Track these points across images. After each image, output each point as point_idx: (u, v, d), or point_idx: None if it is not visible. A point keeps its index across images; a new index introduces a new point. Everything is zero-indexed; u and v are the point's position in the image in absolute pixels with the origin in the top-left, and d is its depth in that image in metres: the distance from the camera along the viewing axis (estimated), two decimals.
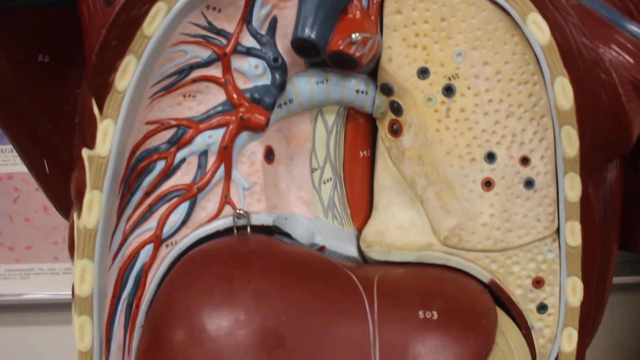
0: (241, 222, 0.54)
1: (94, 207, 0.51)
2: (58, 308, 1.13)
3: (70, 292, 0.51)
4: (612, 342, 1.12)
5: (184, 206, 0.53)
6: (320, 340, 0.48)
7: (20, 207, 1.12)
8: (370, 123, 0.57)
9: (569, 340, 0.56)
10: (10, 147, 1.10)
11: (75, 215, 0.53)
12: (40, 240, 1.12)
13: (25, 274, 1.13)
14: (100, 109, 0.50)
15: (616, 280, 1.02)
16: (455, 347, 0.49)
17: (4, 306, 1.14)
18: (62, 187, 0.59)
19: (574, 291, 0.55)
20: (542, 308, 0.56)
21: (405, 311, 0.50)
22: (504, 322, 0.54)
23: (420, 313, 0.50)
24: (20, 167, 1.10)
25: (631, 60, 0.50)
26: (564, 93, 0.51)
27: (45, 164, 0.60)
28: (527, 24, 0.51)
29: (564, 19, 0.49)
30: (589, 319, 0.57)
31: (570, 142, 0.52)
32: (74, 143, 0.56)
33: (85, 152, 0.51)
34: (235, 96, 0.53)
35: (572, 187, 0.53)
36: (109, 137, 0.50)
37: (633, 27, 0.51)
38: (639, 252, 0.61)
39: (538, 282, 0.55)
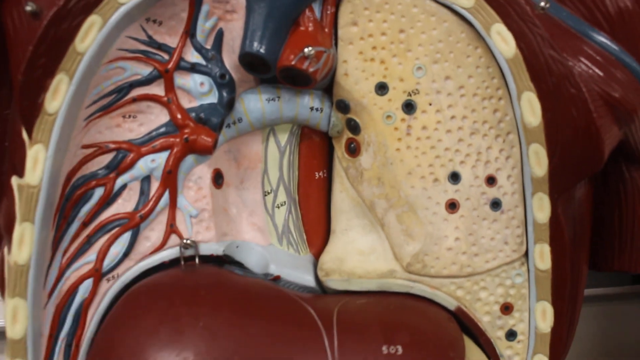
0: (189, 252, 0.51)
1: (25, 241, 0.47)
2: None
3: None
4: (577, 354, 1.12)
5: (126, 236, 0.51)
6: None
7: None
8: (326, 142, 0.55)
9: None
10: None
11: (5, 249, 0.49)
12: None
13: None
14: (30, 133, 0.46)
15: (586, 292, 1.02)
16: None
17: None
18: None
19: (544, 316, 0.53)
20: (511, 335, 0.54)
21: (367, 346, 0.47)
22: (472, 351, 0.52)
23: (384, 348, 0.47)
24: None
25: (601, 73, 0.48)
26: (531, 109, 0.48)
27: None
28: (491, 35, 0.48)
29: (530, 30, 0.47)
30: (559, 344, 0.55)
31: (539, 161, 0.49)
32: (3, 170, 0.52)
33: (14, 180, 0.48)
34: (179, 116, 0.50)
35: (541, 208, 0.51)
36: (39, 164, 0.46)
37: (601, 39, 0.49)
38: (608, 271, 0.59)
39: (507, 308, 0.53)
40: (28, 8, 0.44)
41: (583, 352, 1.12)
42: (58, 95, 0.46)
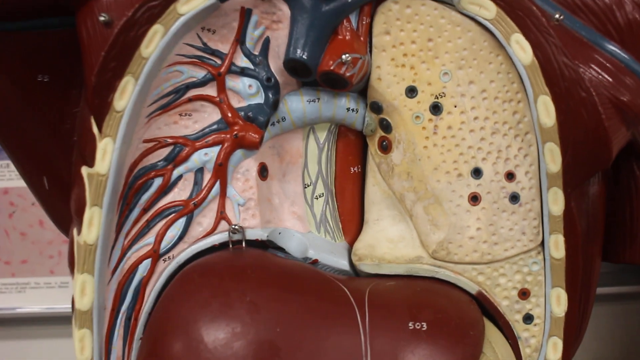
0: (236, 236, 0.55)
1: (94, 223, 0.52)
2: (53, 322, 1.14)
3: (66, 306, 0.52)
4: (597, 351, 1.13)
5: (181, 222, 0.55)
6: (314, 351, 0.50)
7: (16, 222, 1.12)
8: (360, 140, 0.59)
9: (554, 350, 0.58)
10: (6, 162, 1.11)
11: (75, 231, 0.54)
12: (36, 255, 1.13)
13: (21, 288, 1.13)
14: (100, 128, 0.51)
15: (600, 290, 1.05)
16: (444, 357, 0.51)
17: (1, 320, 1.15)
18: (61, 203, 0.61)
19: (559, 302, 0.57)
20: (528, 318, 0.57)
21: (395, 322, 0.51)
22: (491, 332, 0.56)
23: (410, 324, 0.51)
24: (16, 182, 1.11)
25: (610, 79, 0.52)
26: (546, 111, 0.52)
27: (45, 180, 0.61)
28: (511, 44, 0.52)
29: (545, 40, 0.51)
30: (573, 328, 0.59)
31: (553, 158, 0.53)
32: (73, 160, 0.57)
33: (84, 170, 0.53)
34: (229, 115, 0.54)
35: (556, 201, 0.55)
36: (108, 155, 0.51)
37: (612, 47, 0.53)
38: (620, 262, 0.62)
39: (524, 294, 0.57)
40: (101, 18, 0.49)
41: (605, 351, 1.14)
42: (125, 95, 0.51)
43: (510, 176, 0.55)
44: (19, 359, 1.17)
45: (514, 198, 0.55)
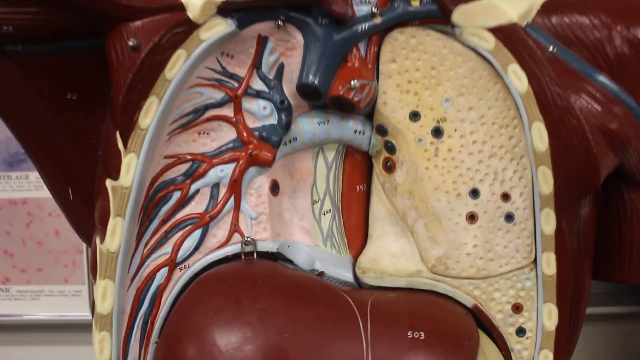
0: (248, 248, 0.59)
1: (117, 232, 0.56)
2: (67, 329, 1.18)
3: (78, 314, 0.54)
4: None
5: (197, 233, 0.58)
6: (319, 355, 0.53)
7: (33, 231, 1.16)
8: (366, 160, 0.62)
9: None
10: (25, 173, 1.15)
11: (98, 239, 0.58)
12: (51, 263, 1.17)
13: (35, 295, 1.17)
14: (125, 144, 0.55)
15: (600, 310, 1.07)
16: None
17: (15, 326, 1.19)
18: (84, 213, 0.64)
19: (550, 316, 0.60)
20: (520, 332, 0.61)
21: (395, 331, 0.55)
22: (486, 343, 0.59)
23: (409, 333, 0.55)
24: (34, 193, 1.15)
25: (599, 108, 0.56)
26: (540, 136, 0.56)
27: (70, 191, 0.65)
28: (508, 73, 0.56)
29: (540, 70, 0.55)
30: (563, 342, 0.62)
31: (546, 181, 0.57)
32: (97, 173, 0.61)
33: (109, 183, 0.56)
34: (245, 134, 0.58)
35: (548, 222, 0.58)
36: (132, 169, 0.55)
37: (602, 78, 0.56)
38: (609, 281, 0.65)
39: (517, 308, 0.60)
40: (130, 43, 0.53)
41: None
42: (149, 114, 0.54)
43: (505, 197, 0.58)
44: None
45: (509, 217, 0.59)
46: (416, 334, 0.55)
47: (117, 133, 0.55)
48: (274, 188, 0.60)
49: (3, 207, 1.16)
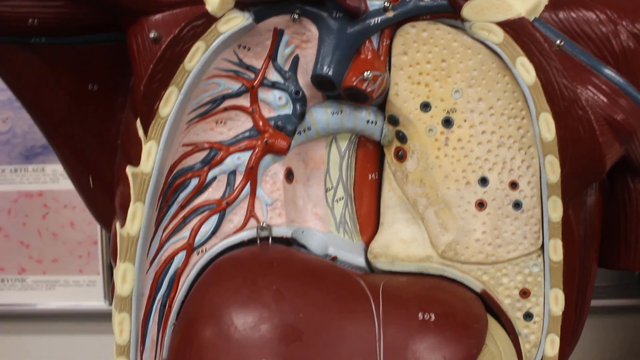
0: (264, 233, 0.60)
1: (137, 217, 0.58)
2: (81, 318, 1.20)
3: (93, 303, 0.55)
4: None
5: (214, 218, 0.60)
6: (333, 335, 0.55)
7: (49, 223, 1.18)
8: (378, 149, 0.64)
9: (552, 346, 0.63)
10: (41, 166, 1.17)
11: (118, 224, 0.60)
12: (66, 254, 1.19)
13: (51, 285, 1.19)
14: (145, 131, 0.57)
15: (605, 303, 1.09)
16: (449, 346, 0.56)
17: (30, 315, 1.21)
18: (104, 200, 0.66)
19: (557, 301, 0.62)
20: (528, 316, 0.62)
21: (406, 313, 0.57)
22: (494, 327, 0.61)
23: (420, 315, 0.57)
24: (50, 185, 1.17)
25: (605, 100, 0.57)
26: (547, 127, 0.58)
27: (90, 179, 0.67)
28: (516, 66, 0.58)
29: (547, 63, 0.56)
30: (570, 327, 0.63)
31: (553, 170, 0.59)
32: (117, 162, 0.63)
33: (129, 169, 0.58)
34: (261, 123, 0.60)
35: (555, 209, 0.60)
36: (152, 156, 0.57)
37: (607, 71, 0.58)
38: (614, 268, 0.67)
39: (524, 293, 0.62)
40: (151, 35, 0.55)
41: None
42: (169, 103, 0.56)
43: (513, 185, 0.60)
44: (47, 353, 1.22)
45: (517, 205, 0.60)
46: (426, 316, 0.57)
47: (138, 121, 0.57)
48: (289, 175, 0.61)
49: (19, 199, 1.18)
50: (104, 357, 0.61)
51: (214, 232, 0.60)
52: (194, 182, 0.60)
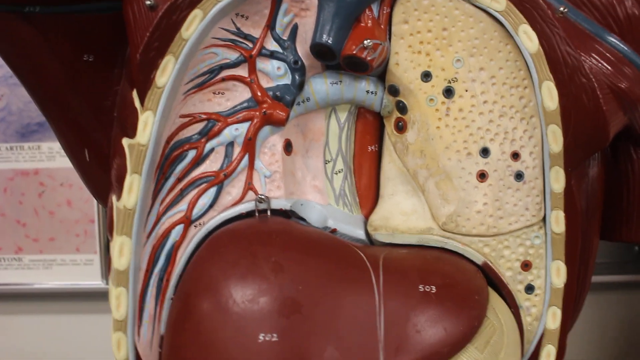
0: (262, 206, 0.59)
1: (133, 189, 0.57)
2: (79, 297, 1.19)
3: (90, 282, 0.55)
4: (603, 336, 1.17)
5: (212, 191, 0.59)
6: (333, 308, 0.54)
7: (45, 201, 1.18)
8: (378, 120, 0.63)
9: (554, 318, 0.62)
10: (37, 144, 1.16)
11: (114, 197, 0.59)
12: (63, 233, 1.18)
13: (48, 264, 1.19)
14: (142, 102, 0.56)
15: (603, 279, 1.09)
16: (450, 318, 0.56)
17: (28, 294, 1.20)
18: (100, 173, 0.66)
19: (558, 274, 0.61)
20: (529, 289, 0.62)
21: (407, 285, 0.56)
22: (495, 300, 0.60)
23: (421, 287, 0.56)
24: (46, 163, 1.17)
25: (610, 68, 0.57)
26: (550, 95, 0.57)
27: (86, 153, 0.66)
28: (519, 34, 0.57)
29: (550, 30, 0.56)
30: (571, 299, 0.63)
31: (555, 139, 0.58)
32: (113, 134, 0.62)
33: (125, 141, 0.57)
34: (259, 94, 0.59)
35: (557, 180, 0.59)
36: (148, 127, 0.56)
37: (612, 39, 0.57)
38: (615, 241, 0.66)
39: (526, 265, 0.61)
40: (147, 2, 0.53)
41: (608, 337, 1.18)
42: (166, 73, 0.55)
43: (515, 156, 0.59)
44: (45, 332, 1.22)
45: (519, 176, 0.60)
46: (427, 288, 0.56)
47: (134, 91, 0.56)
48: (288, 147, 0.61)
49: (15, 178, 1.17)
50: (102, 336, 0.60)
51: (211, 205, 0.59)
52: (192, 154, 0.59)
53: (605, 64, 0.57)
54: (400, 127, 0.61)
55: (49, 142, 1.14)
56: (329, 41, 0.56)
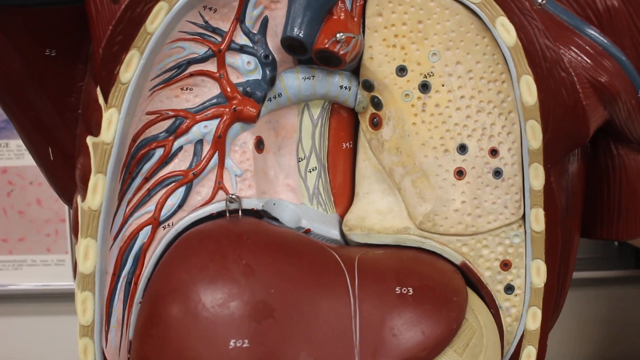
0: (233, 206, 0.58)
1: (98, 189, 0.55)
2: (49, 299, 1.17)
3: (62, 283, 0.54)
4: (578, 333, 1.17)
5: (181, 191, 0.57)
6: (306, 311, 0.53)
7: (14, 201, 1.15)
8: (352, 117, 0.61)
9: (534, 319, 0.61)
10: (5, 141, 1.13)
11: (79, 198, 0.57)
12: (33, 233, 1.16)
13: (18, 265, 1.16)
14: (106, 98, 0.54)
15: (582, 275, 1.08)
16: (428, 321, 0.54)
17: None
18: (65, 173, 0.63)
19: (538, 273, 0.60)
20: (509, 289, 0.60)
21: (383, 287, 0.55)
22: (474, 301, 0.59)
23: (397, 289, 0.55)
24: (15, 162, 1.14)
25: (589, 61, 0.55)
26: (528, 90, 0.56)
27: (50, 151, 0.63)
28: (496, 26, 0.55)
29: (529, 23, 0.54)
30: (552, 299, 0.62)
31: (535, 135, 0.57)
32: (77, 132, 0.60)
33: (90, 140, 0.55)
34: (229, 89, 0.57)
35: (536, 177, 0.58)
36: (113, 124, 0.54)
37: (591, 31, 0.56)
38: (596, 238, 0.65)
39: (505, 265, 0.60)
40: None
41: (587, 334, 1.18)
42: (130, 68, 0.53)
43: (494, 152, 0.58)
44: (15, 335, 1.19)
45: (497, 173, 0.58)
46: (404, 290, 0.55)
47: (98, 88, 0.54)
48: (259, 145, 0.59)
49: None
50: (75, 337, 0.58)
51: (180, 205, 0.58)
52: (159, 152, 0.57)
53: (584, 57, 0.55)
54: (375, 124, 0.60)
55: (17, 139, 1.12)
56: (300, 35, 0.55)
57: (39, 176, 1.11)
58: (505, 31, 0.55)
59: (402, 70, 0.58)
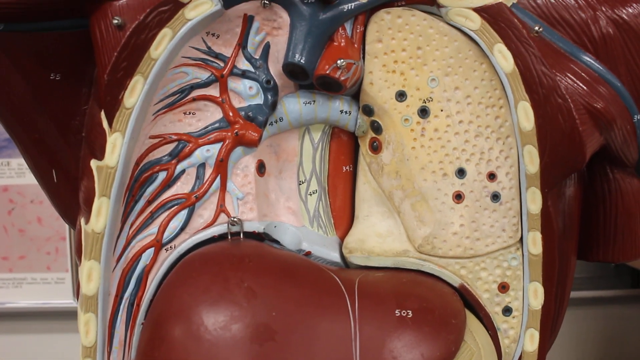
0: (235, 228, 0.58)
1: (102, 212, 0.56)
2: (49, 316, 1.17)
3: (61, 301, 0.54)
4: (578, 352, 1.17)
5: (183, 214, 0.58)
6: (307, 334, 0.53)
7: (15, 219, 1.16)
8: (352, 140, 0.62)
9: (531, 341, 0.62)
10: (6, 160, 1.14)
11: (82, 220, 0.58)
12: (33, 251, 1.16)
13: (18, 283, 1.17)
14: (110, 123, 0.55)
15: (579, 294, 1.09)
16: (427, 343, 0.55)
17: None
18: (68, 195, 0.64)
19: (536, 295, 0.61)
20: (507, 311, 0.61)
21: (383, 309, 0.55)
22: (472, 323, 0.60)
23: (397, 311, 0.55)
24: (16, 180, 1.14)
25: (585, 88, 0.56)
26: (526, 116, 0.56)
27: (54, 173, 0.64)
28: (494, 53, 0.56)
29: (525, 50, 0.55)
30: (549, 321, 0.62)
31: (532, 160, 0.57)
32: (81, 155, 0.61)
33: (94, 163, 0.56)
34: (231, 114, 0.58)
35: (534, 201, 0.58)
36: (117, 148, 0.55)
37: (587, 58, 0.57)
38: (593, 261, 0.66)
39: (503, 287, 0.61)
40: (115, 21, 0.53)
41: (584, 352, 1.18)
42: (134, 93, 0.54)
43: (491, 176, 0.59)
44: (15, 353, 1.19)
45: (495, 197, 0.59)
46: (404, 313, 0.55)
47: (102, 112, 0.55)
48: (260, 168, 0.59)
49: None
50: (74, 356, 0.59)
51: (183, 228, 0.58)
52: (162, 175, 0.58)
53: (580, 84, 0.56)
54: (375, 148, 0.60)
55: (18, 158, 1.12)
56: (302, 61, 0.56)
57: (39, 194, 1.11)
58: (503, 58, 0.56)
59: (401, 96, 0.58)
